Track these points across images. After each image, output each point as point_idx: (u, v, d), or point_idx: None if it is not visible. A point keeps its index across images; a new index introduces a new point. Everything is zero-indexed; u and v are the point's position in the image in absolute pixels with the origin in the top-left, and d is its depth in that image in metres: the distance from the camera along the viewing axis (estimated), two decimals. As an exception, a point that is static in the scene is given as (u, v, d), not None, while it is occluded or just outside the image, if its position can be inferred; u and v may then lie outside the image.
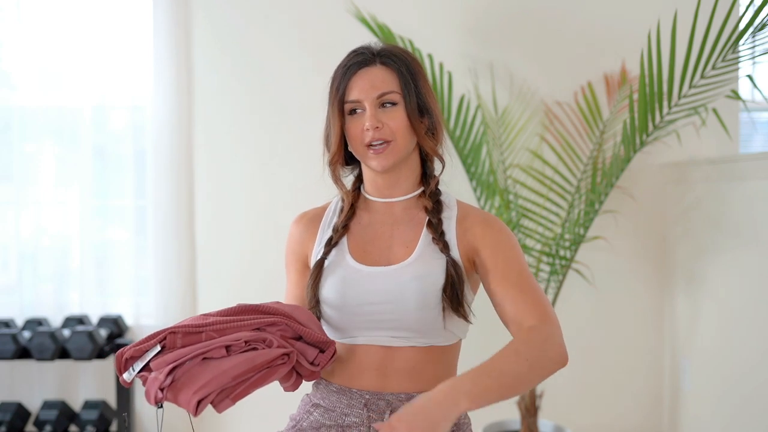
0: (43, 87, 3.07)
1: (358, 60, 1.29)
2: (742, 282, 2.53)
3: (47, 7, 3.04)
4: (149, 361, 1.11)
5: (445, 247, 1.27)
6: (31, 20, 3.04)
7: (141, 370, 1.11)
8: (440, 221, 1.30)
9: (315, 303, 1.30)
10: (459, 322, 1.28)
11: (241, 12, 3.03)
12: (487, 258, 1.26)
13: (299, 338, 1.21)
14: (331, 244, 1.32)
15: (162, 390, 1.06)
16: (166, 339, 1.13)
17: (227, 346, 1.12)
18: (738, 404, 2.54)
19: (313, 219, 1.39)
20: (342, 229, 1.33)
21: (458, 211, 1.33)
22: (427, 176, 1.35)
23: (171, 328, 1.14)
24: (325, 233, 1.35)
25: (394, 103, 1.27)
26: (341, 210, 1.37)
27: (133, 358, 1.13)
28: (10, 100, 3.05)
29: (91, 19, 3.02)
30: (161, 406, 1.08)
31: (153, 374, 1.08)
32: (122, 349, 1.14)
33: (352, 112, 1.28)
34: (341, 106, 1.28)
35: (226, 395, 1.09)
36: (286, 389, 1.22)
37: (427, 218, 1.31)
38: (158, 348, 1.12)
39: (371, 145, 1.26)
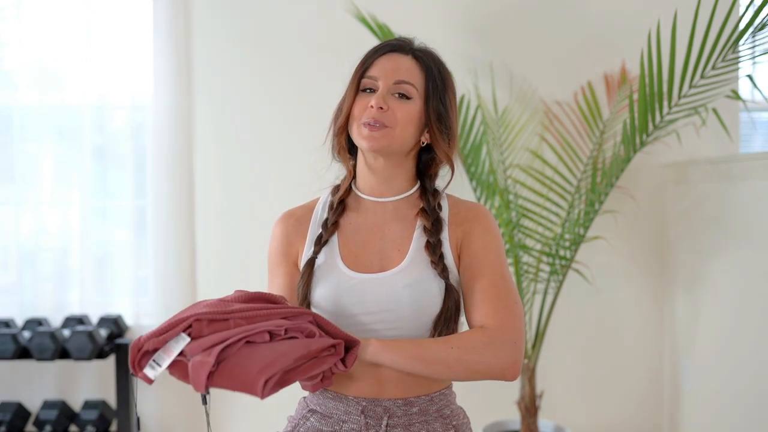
0: (43, 87, 3.07)
1: (393, 44, 1.28)
2: (742, 282, 2.53)
3: (47, 7, 3.04)
4: (179, 353, 1.00)
5: (443, 272, 1.23)
6: (31, 20, 3.04)
7: (166, 365, 1.00)
8: (439, 242, 1.25)
9: (306, 306, 1.25)
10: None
11: (241, 12, 3.03)
12: (473, 254, 1.25)
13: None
14: (321, 243, 1.28)
15: (210, 376, 0.97)
16: (192, 327, 1.02)
17: (269, 331, 1.04)
18: (738, 404, 2.54)
19: (301, 218, 1.34)
20: (332, 226, 1.29)
21: (450, 215, 1.29)
22: (427, 191, 1.31)
23: (194, 315, 1.03)
24: (315, 232, 1.31)
25: (408, 97, 1.24)
26: (331, 205, 1.32)
27: (154, 351, 1.01)
28: (10, 100, 3.05)
29: (91, 18, 3.02)
30: (209, 393, 0.98)
31: (198, 358, 0.98)
32: (139, 339, 1.02)
33: (366, 90, 1.25)
34: (360, 80, 1.26)
35: (282, 379, 1.01)
36: (305, 388, 1.16)
37: (419, 218, 1.28)
38: (187, 339, 1.01)
39: (368, 125, 1.22)
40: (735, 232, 2.58)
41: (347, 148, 1.32)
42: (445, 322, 1.22)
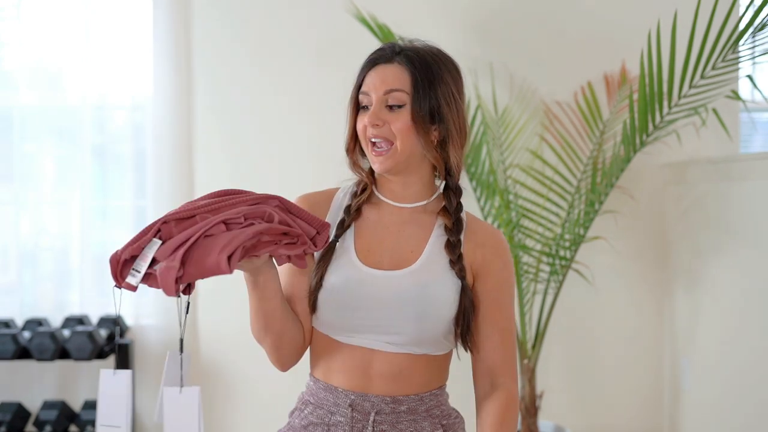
0: (43, 87, 3.07)
1: (378, 55, 1.26)
2: (742, 282, 2.53)
3: (47, 7, 3.04)
4: (152, 258, 1.03)
5: (461, 271, 1.24)
6: (31, 20, 3.04)
7: (145, 270, 1.04)
8: (459, 242, 1.26)
9: (318, 286, 1.24)
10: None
11: (241, 12, 3.03)
12: (489, 291, 1.27)
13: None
14: (344, 227, 1.28)
15: (178, 280, 1.01)
16: (161, 231, 1.05)
17: (225, 221, 1.06)
18: (738, 404, 2.54)
19: (320, 203, 1.32)
20: (356, 212, 1.29)
21: (467, 231, 1.29)
22: (448, 189, 1.30)
23: (161, 219, 1.07)
24: (337, 217, 1.31)
25: (400, 105, 1.22)
26: (355, 193, 1.32)
27: (132, 259, 1.05)
28: (10, 100, 3.04)
29: (91, 19, 3.01)
30: (180, 296, 1.03)
31: (163, 264, 1.01)
32: (116, 252, 1.05)
33: (364, 108, 1.25)
34: (357, 98, 1.27)
35: (245, 251, 1.04)
36: (283, 261, 1.17)
37: (436, 223, 1.28)
38: (158, 242, 1.04)
39: (374, 145, 1.23)
40: (735, 232, 2.58)
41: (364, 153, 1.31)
42: (464, 318, 1.23)
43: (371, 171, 1.32)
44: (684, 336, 2.91)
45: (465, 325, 1.23)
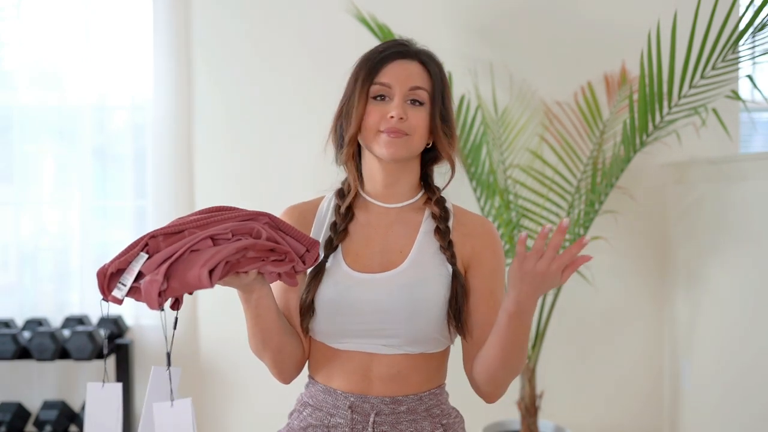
0: (43, 87, 3.07)
1: (399, 50, 1.27)
2: (742, 282, 2.53)
3: (47, 7, 3.04)
4: (138, 272, 1.04)
5: (452, 257, 1.25)
6: (31, 20, 3.04)
7: (131, 283, 1.04)
8: (448, 229, 1.27)
9: (309, 303, 1.24)
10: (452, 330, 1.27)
11: (241, 12, 3.03)
12: (481, 281, 1.27)
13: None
14: (332, 247, 1.27)
15: (161, 294, 1.02)
16: (149, 245, 1.06)
17: (212, 236, 1.07)
18: (738, 404, 2.54)
19: (305, 213, 1.33)
20: (342, 232, 1.29)
21: (453, 216, 1.31)
22: (430, 183, 1.33)
23: (149, 233, 1.07)
24: (321, 229, 1.31)
25: (421, 103, 1.25)
26: (337, 208, 1.31)
27: (119, 272, 1.05)
28: (10, 100, 3.05)
29: (90, 18, 3.02)
30: (163, 309, 1.04)
31: (148, 277, 1.02)
32: (103, 265, 1.06)
33: (378, 97, 1.24)
34: (369, 87, 1.24)
35: (230, 267, 1.05)
36: (273, 278, 1.17)
37: (422, 221, 1.29)
38: (145, 256, 1.05)
39: (389, 133, 1.22)
40: (735, 232, 2.58)
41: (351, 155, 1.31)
42: (456, 303, 1.23)
43: (359, 173, 1.32)
44: (684, 336, 2.92)
45: (457, 309, 1.23)
